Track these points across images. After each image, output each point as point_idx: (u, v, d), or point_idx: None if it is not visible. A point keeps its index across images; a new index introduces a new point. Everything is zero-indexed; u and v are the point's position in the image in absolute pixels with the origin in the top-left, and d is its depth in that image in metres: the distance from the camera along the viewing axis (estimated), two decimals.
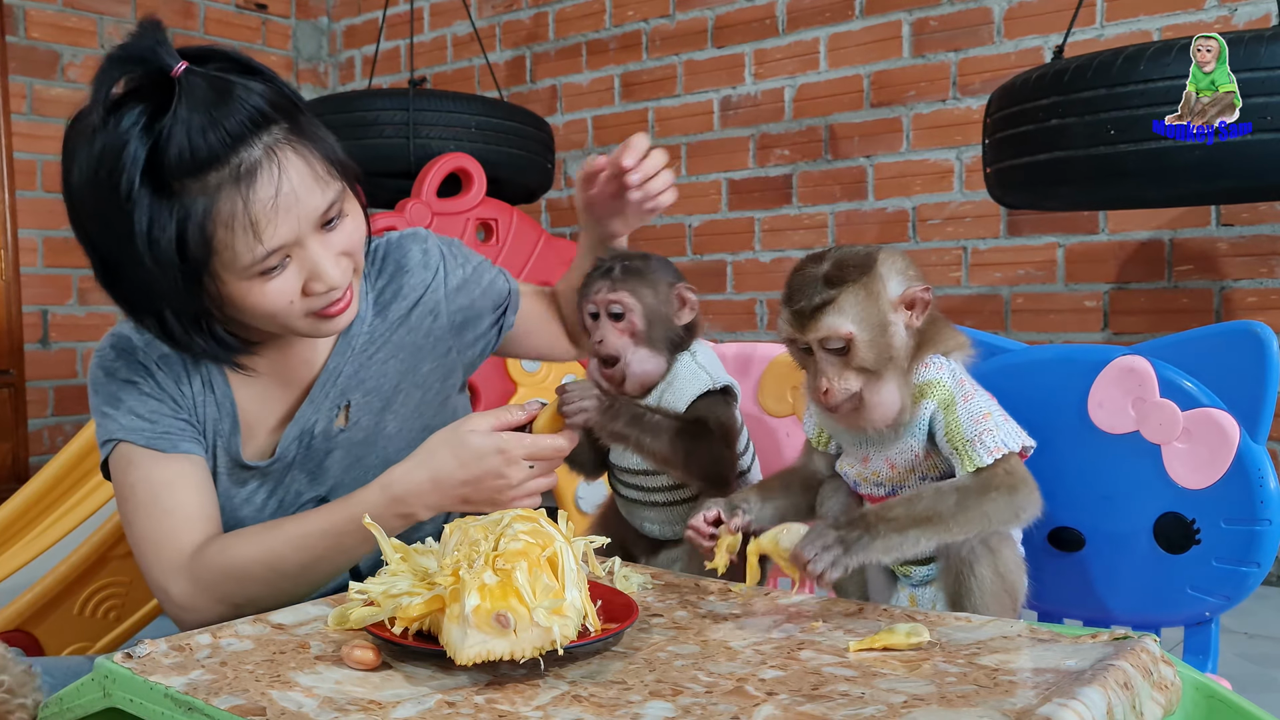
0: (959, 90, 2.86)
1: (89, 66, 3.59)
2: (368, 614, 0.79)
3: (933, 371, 0.99)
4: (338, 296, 1.02)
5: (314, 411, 1.14)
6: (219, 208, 0.93)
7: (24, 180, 3.37)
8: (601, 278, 1.15)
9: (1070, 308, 2.73)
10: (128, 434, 1.07)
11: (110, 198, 0.93)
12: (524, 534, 0.75)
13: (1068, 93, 1.80)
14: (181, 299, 0.98)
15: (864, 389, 0.97)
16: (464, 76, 3.87)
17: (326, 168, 1.00)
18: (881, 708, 0.66)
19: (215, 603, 1.03)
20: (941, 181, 2.89)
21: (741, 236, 3.24)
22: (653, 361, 1.16)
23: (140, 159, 0.92)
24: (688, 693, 0.70)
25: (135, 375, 1.10)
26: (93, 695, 0.75)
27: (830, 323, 0.96)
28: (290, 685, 0.71)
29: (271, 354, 1.13)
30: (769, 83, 3.18)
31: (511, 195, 2.94)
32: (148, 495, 1.06)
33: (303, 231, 0.98)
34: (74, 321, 3.55)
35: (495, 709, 0.67)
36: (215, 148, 0.92)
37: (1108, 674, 0.68)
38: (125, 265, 0.98)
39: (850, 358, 0.96)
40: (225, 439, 1.12)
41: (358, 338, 1.16)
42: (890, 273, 0.98)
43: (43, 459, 3.32)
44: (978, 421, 0.97)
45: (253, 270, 0.97)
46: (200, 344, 1.03)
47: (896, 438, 1.00)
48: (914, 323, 0.99)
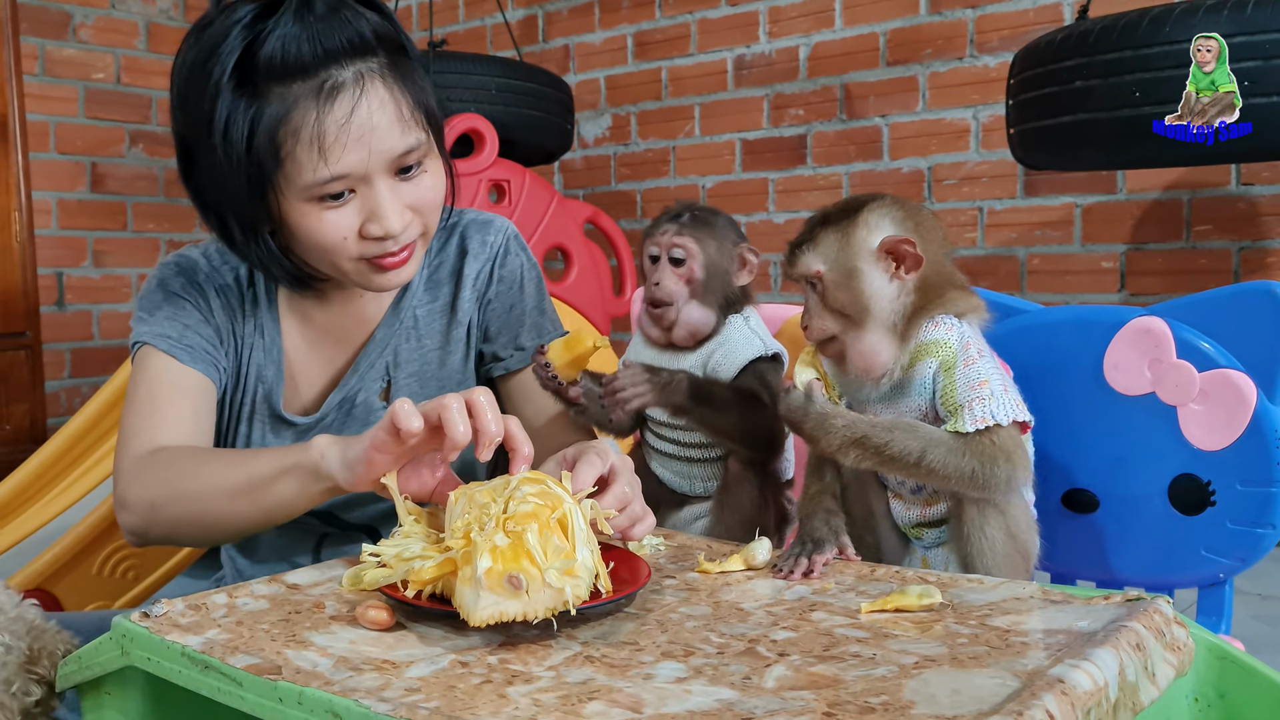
0: (976, 48, 2.82)
1: (100, 27, 3.57)
2: (381, 575, 0.80)
3: (940, 331, 0.98)
4: (394, 249, 1.01)
5: (359, 380, 1.14)
6: (293, 116, 0.94)
7: (37, 142, 3.38)
8: (669, 221, 1.16)
9: (1087, 268, 2.71)
10: (153, 339, 1.08)
11: (201, 86, 0.95)
12: (532, 496, 0.76)
13: (1093, 54, 1.78)
14: (245, 204, 0.99)
15: (844, 335, 0.98)
16: (476, 36, 3.84)
17: (414, 113, 0.99)
18: (893, 668, 0.66)
19: (145, 502, 1.01)
20: (958, 141, 2.86)
21: (755, 197, 3.22)
22: (701, 313, 1.15)
23: (235, 52, 0.94)
24: (699, 653, 0.70)
25: (188, 294, 1.11)
26: (111, 654, 0.76)
27: (804, 260, 1.00)
28: (305, 645, 0.72)
29: (326, 304, 1.13)
30: (783, 41, 3.14)
31: (530, 157, 2.93)
32: (147, 394, 1.07)
33: (372, 167, 0.97)
34: (89, 284, 3.57)
35: (508, 669, 0.68)
36: (305, 58, 0.93)
37: (1120, 635, 0.68)
38: (201, 156, 0.99)
39: (825, 298, 0.99)
40: (267, 386, 1.12)
41: (406, 313, 1.16)
42: (879, 220, 0.98)
43: (60, 420, 3.35)
44: (973, 387, 0.96)
45: (314, 192, 0.97)
46: (258, 254, 1.03)
47: (899, 394, 1.00)
48: (901, 276, 0.97)
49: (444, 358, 1.18)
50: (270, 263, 1.04)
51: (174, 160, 3.27)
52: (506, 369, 1.20)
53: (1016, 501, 1.00)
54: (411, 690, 0.64)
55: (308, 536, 1.18)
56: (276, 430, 1.13)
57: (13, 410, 3.05)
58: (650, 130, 3.43)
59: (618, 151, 3.50)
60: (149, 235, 3.71)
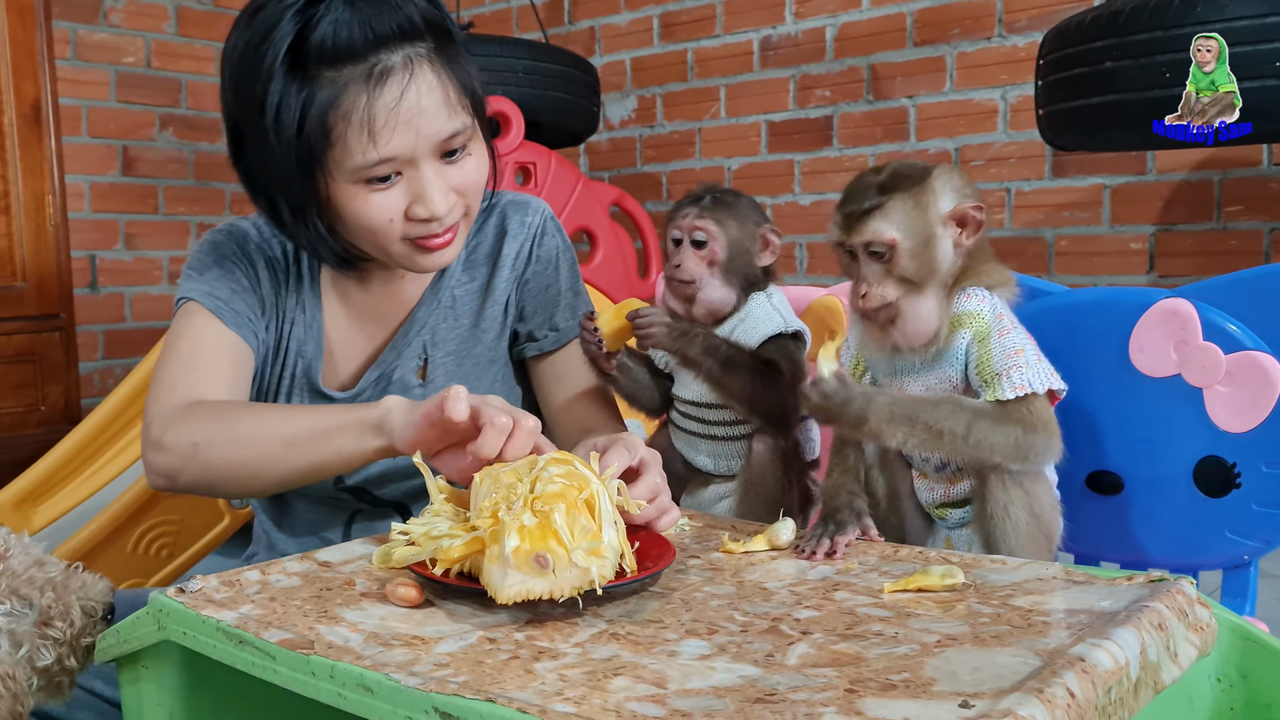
0: (1005, 28, 2.80)
1: (131, 11, 3.60)
2: (410, 554, 0.81)
3: (973, 303, 0.99)
4: (438, 230, 1.03)
5: (395, 357, 1.16)
6: (343, 100, 0.96)
7: (69, 126, 3.41)
8: (691, 204, 1.17)
9: (1115, 250, 2.69)
10: (200, 296, 1.09)
11: (253, 70, 0.97)
12: (559, 477, 0.77)
13: (1122, 35, 1.77)
14: (294, 186, 1.01)
15: (901, 300, 0.98)
16: (502, 18, 3.84)
17: (460, 98, 1.01)
18: (915, 647, 0.67)
19: (187, 443, 1.00)
20: (986, 122, 2.84)
21: (781, 179, 3.21)
22: (723, 293, 1.17)
23: (287, 37, 0.96)
24: (723, 631, 0.71)
25: (238, 261, 1.13)
26: (148, 628, 0.78)
27: (876, 227, 0.97)
28: (337, 620, 0.73)
29: (367, 284, 1.15)
30: (810, 22, 3.12)
31: (556, 139, 2.93)
32: (188, 349, 1.08)
33: (419, 150, 0.99)
34: (122, 266, 3.60)
35: (535, 645, 0.69)
36: (355, 43, 0.95)
37: (1142, 615, 0.68)
38: (252, 139, 1.01)
39: (892, 265, 0.97)
40: (307, 361, 1.14)
41: (445, 293, 1.17)
42: (944, 187, 0.98)
43: (93, 401, 3.39)
44: (1009, 356, 0.97)
45: (362, 174, 0.98)
46: (305, 235, 1.05)
47: (932, 365, 1.00)
48: (963, 241, 0.99)
49: (479, 336, 1.19)
50: (317, 244, 1.05)
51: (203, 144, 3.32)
52: (540, 349, 1.21)
53: (1040, 481, 1.00)
54: (440, 665, 0.65)
55: (340, 512, 1.21)
56: (315, 404, 1.15)
57: (48, 391, 3.09)
58: (676, 112, 3.42)
59: (643, 133, 3.50)
60: (180, 218, 3.74)
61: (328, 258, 1.08)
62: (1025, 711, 0.54)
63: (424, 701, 0.60)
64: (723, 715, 0.57)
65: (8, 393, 3.01)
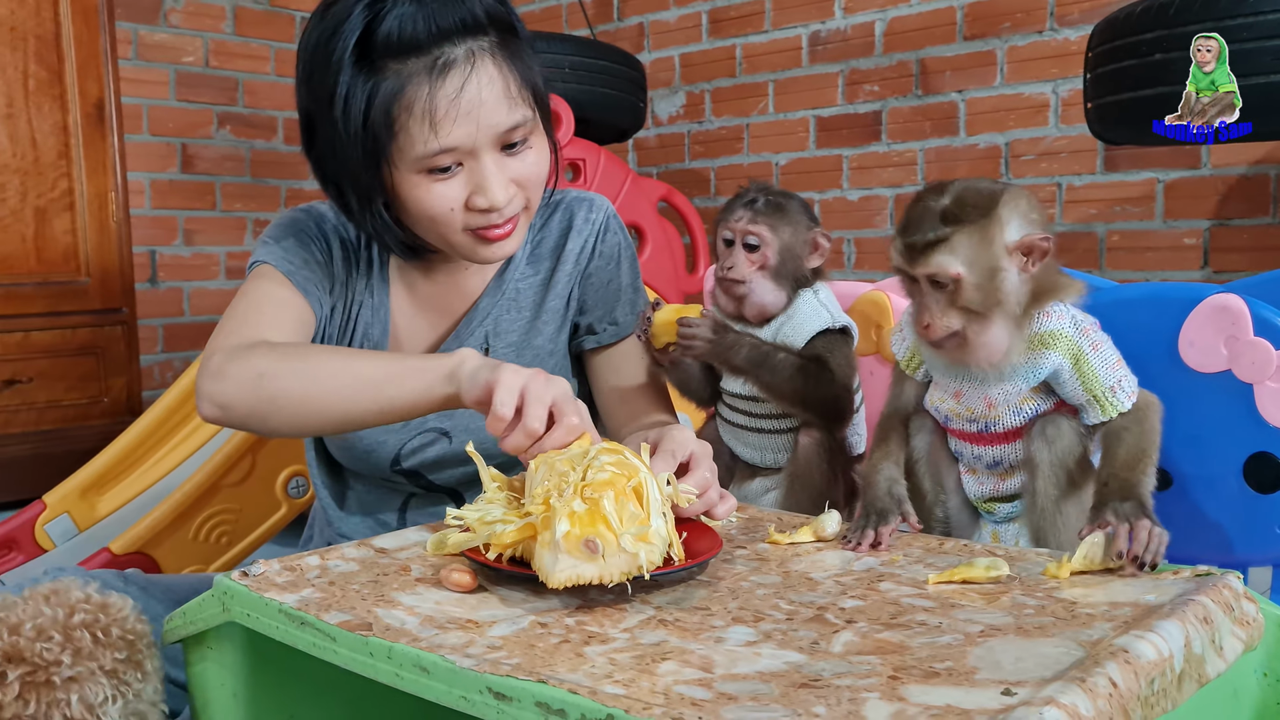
0: (1057, 21, 2.77)
1: (190, 12, 3.67)
2: (464, 539, 0.83)
3: (1054, 321, 0.98)
4: (498, 221, 1.05)
5: (458, 346, 1.18)
6: (407, 91, 0.99)
7: (131, 124, 3.48)
8: (744, 207, 1.18)
9: (1168, 245, 2.65)
10: (274, 259, 1.13)
11: (324, 62, 1.01)
12: (610, 465, 0.78)
13: (1173, 26, 1.74)
14: (361, 175, 1.04)
15: (967, 328, 0.96)
16: (552, 15, 3.87)
17: (521, 91, 1.04)
18: (958, 637, 0.68)
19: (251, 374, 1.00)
20: (1036, 116, 2.81)
21: (829, 174, 3.20)
22: (774, 295, 1.18)
23: (356, 31, 0.99)
24: (769, 619, 0.73)
25: (314, 238, 1.16)
26: (213, 610, 0.80)
27: (940, 261, 0.94)
28: (393, 604, 0.75)
29: (432, 275, 1.18)
30: (859, 16, 3.11)
31: (603, 135, 2.94)
32: (256, 301, 1.10)
33: (480, 142, 1.02)
34: (180, 261, 3.68)
35: (585, 630, 0.71)
36: (420, 36, 0.99)
37: (1187, 609, 0.69)
38: (322, 130, 1.05)
39: (956, 297, 0.95)
40: (373, 343, 1.18)
41: (509, 285, 1.20)
42: (1011, 215, 0.95)
43: (154, 394, 3.46)
44: (1112, 369, 0.97)
45: (424, 164, 1.01)
46: (372, 223, 1.08)
47: (1000, 378, 1.00)
48: (1029, 269, 0.96)
49: (540, 328, 1.22)
50: (383, 231, 1.09)
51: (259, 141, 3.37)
52: (599, 342, 1.24)
53: (1090, 473, 1.00)
54: (494, 648, 0.67)
55: (396, 495, 1.23)
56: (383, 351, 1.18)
57: (111, 384, 3.16)
58: (724, 108, 3.42)
59: (691, 129, 3.50)
60: (236, 214, 3.80)
61: (393, 245, 1.11)
62: (1067, 700, 0.55)
63: (478, 682, 0.62)
64: (768, 699, 0.58)
65: (72, 385, 3.09)
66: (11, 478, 2.91)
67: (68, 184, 3.07)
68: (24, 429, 3.00)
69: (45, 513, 2.20)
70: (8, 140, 2.96)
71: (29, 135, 2.99)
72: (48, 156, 3.03)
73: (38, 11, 2.99)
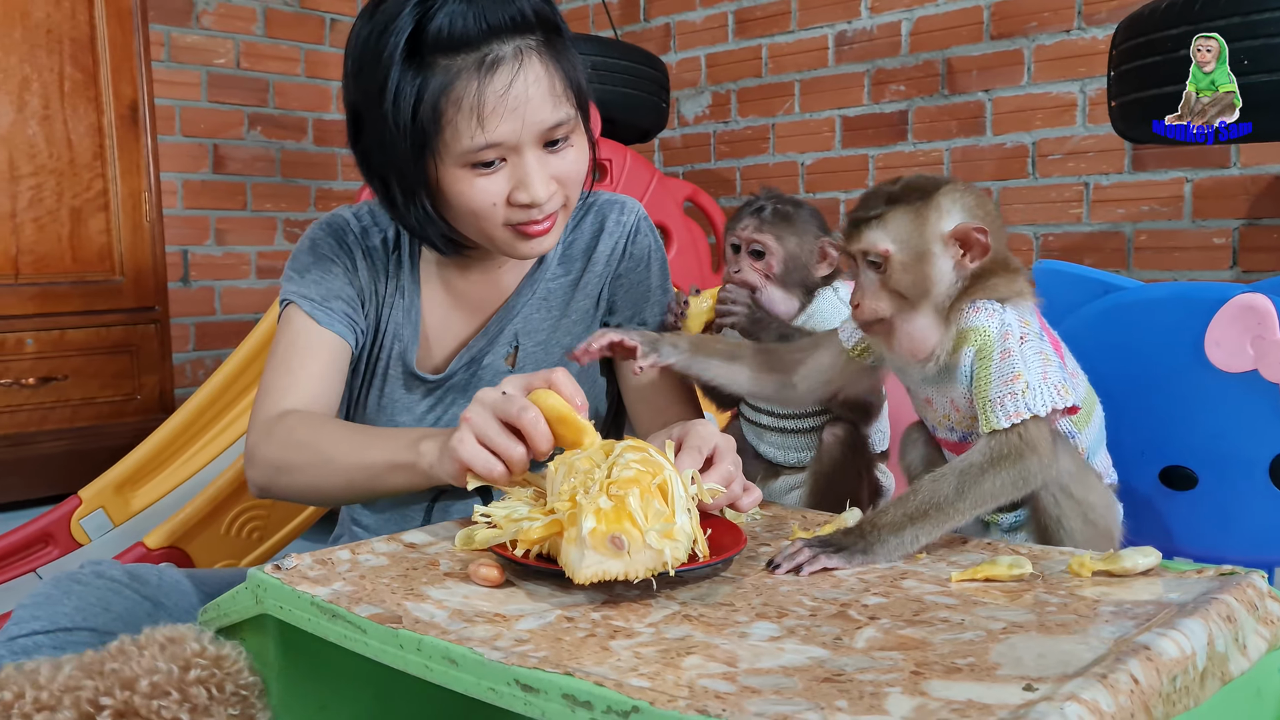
0: (1084, 20, 2.75)
1: (221, 14, 3.71)
2: (491, 535, 0.84)
3: (980, 318, 0.95)
4: (538, 217, 1.07)
5: (487, 342, 1.20)
6: (455, 86, 1.01)
7: (164, 126, 3.52)
8: (751, 215, 1.18)
9: (1197, 245, 2.63)
10: (297, 298, 1.17)
11: (374, 58, 1.03)
12: (635, 463, 0.79)
13: (1199, 21, 1.72)
14: (407, 169, 1.06)
15: (895, 316, 0.96)
16: (578, 16, 3.88)
17: (565, 90, 1.06)
18: (981, 633, 0.68)
19: (271, 465, 1.10)
20: (1063, 115, 2.80)
21: (855, 174, 3.20)
22: (785, 303, 1.19)
23: (407, 28, 1.02)
24: (792, 615, 0.73)
25: (336, 255, 1.19)
26: (246, 602, 0.82)
27: (871, 237, 0.95)
28: (422, 598, 0.76)
29: (466, 272, 1.20)
30: (885, 16, 3.11)
31: (626, 136, 2.96)
32: (286, 352, 1.15)
33: (524, 138, 1.04)
34: (212, 261, 3.72)
35: (610, 624, 0.71)
36: (470, 33, 1.01)
37: (1210, 607, 0.69)
38: (370, 124, 1.07)
39: (887, 279, 0.95)
40: (404, 345, 1.20)
41: (541, 285, 1.22)
42: (952, 205, 0.95)
43: (186, 391, 3.50)
44: (1006, 382, 0.92)
45: (469, 158, 1.04)
46: (415, 216, 1.10)
47: (948, 379, 0.98)
48: (965, 264, 0.95)
49: (569, 328, 1.23)
50: (425, 224, 1.11)
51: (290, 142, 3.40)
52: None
53: (1091, 486, 0.98)
54: (521, 641, 0.67)
55: (423, 494, 1.25)
56: (409, 386, 1.20)
57: (144, 381, 3.21)
58: (750, 108, 3.43)
59: (717, 129, 3.51)
60: (267, 214, 3.84)
61: (435, 239, 1.13)
62: (1089, 695, 0.55)
63: (506, 674, 0.63)
64: (791, 693, 0.59)
65: (107, 382, 3.13)
66: (47, 473, 2.96)
67: (102, 184, 3.11)
68: (59, 425, 3.05)
69: (81, 508, 2.24)
70: (44, 142, 3.01)
71: (65, 136, 3.03)
72: (83, 157, 3.07)
73: (73, 15, 3.03)
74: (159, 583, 1.08)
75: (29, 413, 3.00)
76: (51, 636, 0.98)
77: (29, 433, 2.99)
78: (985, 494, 0.90)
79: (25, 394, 2.99)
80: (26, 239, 2.99)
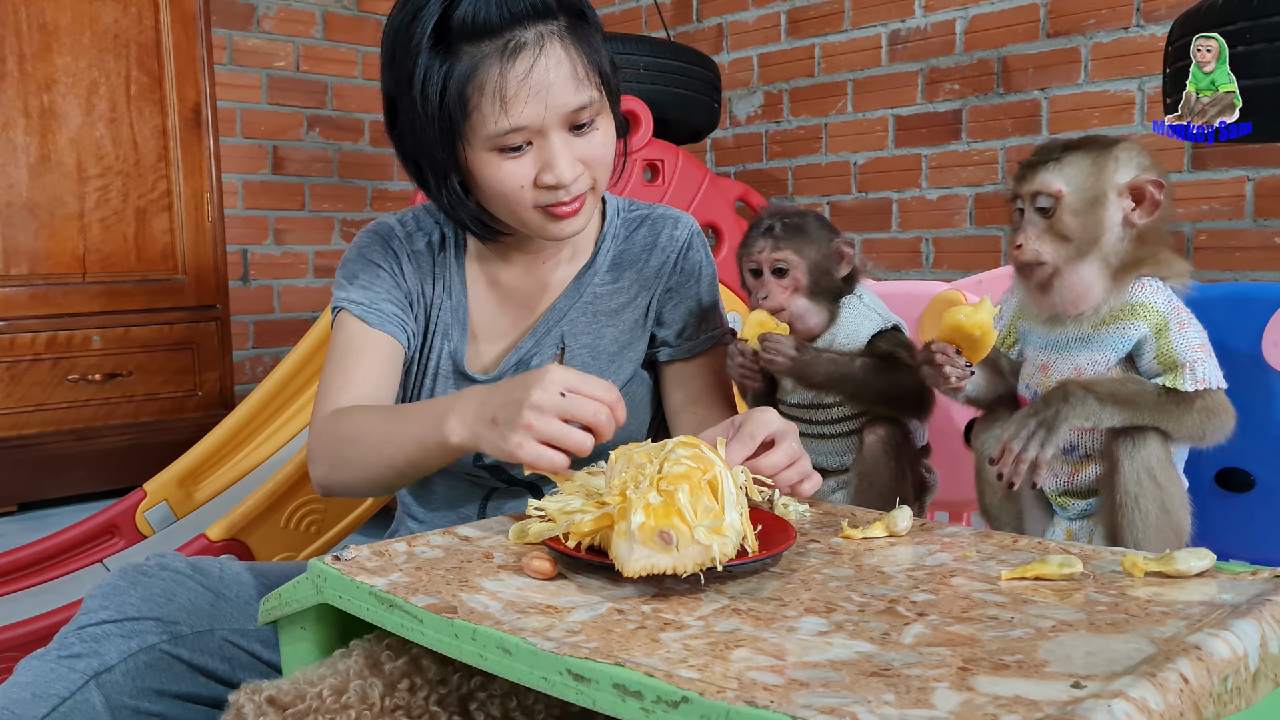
0: (1143, 17, 2.71)
1: (281, 18, 3.77)
2: (544, 529, 0.86)
3: (1147, 294, 0.98)
4: (566, 199, 1.10)
5: (534, 344, 1.22)
6: (479, 72, 1.04)
7: (225, 128, 3.60)
8: (763, 236, 1.19)
9: (1258, 244, 2.58)
10: (348, 304, 1.20)
11: (405, 46, 1.07)
12: (686, 459, 0.80)
13: (1257, 17, 1.69)
14: (438, 154, 1.10)
15: (1061, 262, 0.97)
16: (631, 17, 3.90)
17: (589, 73, 1.08)
18: (1029, 631, 0.68)
19: (326, 463, 1.13)
20: (1121, 114, 2.76)
21: (908, 174, 3.18)
22: (815, 315, 1.19)
23: (434, 16, 1.05)
24: (841, 610, 0.73)
25: (382, 260, 1.22)
26: (307, 591, 0.84)
27: (1046, 177, 0.97)
28: (477, 589, 0.78)
29: (511, 267, 1.22)
30: (940, 15, 3.08)
31: (678, 135, 2.96)
32: (340, 355, 1.19)
33: (548, 121, 1.06)
34: (271, 260, 3.79)
35: (660, 617, 0.72)
36: (493, 20, 1.03)
37: (1264, 608, 0.68)
38: (402, 110, 1.11)
39: (1054, 221, 0.96)
40: (453, 344, 1.22)
41: (588, 289, 1.24)
42: (1130, 159, 0.98)
43: (245, 388, 3.57)
44: (1192, 349, 0.96)
45: (495, 142, 1.06)
46: (448, 199, 1.14)
47: (1088, 344, 0.99)
48: (1135, 220, 0.97)
49: (615, 336, 1.25)
50: (458, 207, 1.14)
51: (347, 143, 3.47)
52: (672, 355, 1.27)
53: (1174, 477, 0.99)
54: (573, 632, 0.69)
55: (478, 489, 1.27)
56: (460, 386, 1.23)
57: (205, 378, 3.27)
58: (802, 107, 3.42)
59: (769, 129, 3.50)
60: (324, 214, 3.90)
61: (469, 222, 1.16)
62: (1137, 693, 0.55)
63: (558, 664, 0.64)
64: (839, 686, 0.59)
65: (169, 379, 3.21)
66: (112, 466, 3.04)
67: (166, 185, 3.19)
68: (124, 420, 3.12)
69: (145, 500, 2.30)
70: (111, 144, 3.08)
71: (130, 138, 3.11)
72: (148, 159, 3.15)
73: (139, 20, 3.11)
74: (220, 575, 1.11)
75: (95, 408, 3.08)
76: (119, 625, 1.02)
77: (95, 427, 3.07)
78: (1178, 420, 0.96)
79: (91, 389, 3.06)
80: (93, 239, 3.07)
